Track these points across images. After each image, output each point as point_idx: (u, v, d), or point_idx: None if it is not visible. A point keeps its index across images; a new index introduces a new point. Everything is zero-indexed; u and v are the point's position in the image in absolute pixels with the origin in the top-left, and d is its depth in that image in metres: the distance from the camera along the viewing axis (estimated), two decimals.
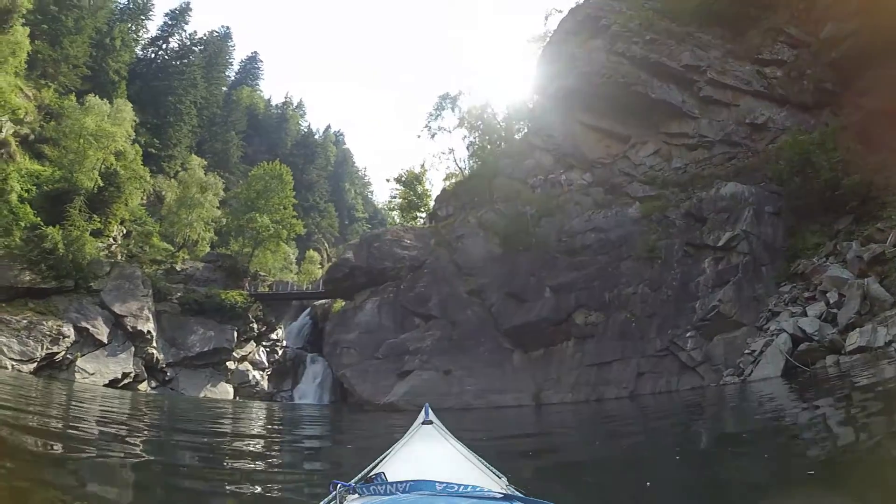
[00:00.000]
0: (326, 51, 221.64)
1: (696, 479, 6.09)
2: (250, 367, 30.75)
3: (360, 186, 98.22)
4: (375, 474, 2.42)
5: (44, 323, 21.87)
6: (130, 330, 25.32)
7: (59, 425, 9.90)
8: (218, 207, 44.41)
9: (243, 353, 30.77)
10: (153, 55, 58.74)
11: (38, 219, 26.03)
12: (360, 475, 2.54)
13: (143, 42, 58.25)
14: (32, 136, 32.87)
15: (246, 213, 38.90)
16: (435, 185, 45.39)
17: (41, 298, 23.67)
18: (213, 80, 64.63)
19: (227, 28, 72.25)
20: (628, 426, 13.30)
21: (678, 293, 19.98)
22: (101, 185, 31.53)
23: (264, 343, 33.02)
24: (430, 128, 39.84)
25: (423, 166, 43.72)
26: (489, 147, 36.25)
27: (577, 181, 26.63)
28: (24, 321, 21.44)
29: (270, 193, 40.07)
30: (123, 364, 23.91)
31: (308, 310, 36.85)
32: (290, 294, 36.92)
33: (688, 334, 18.95)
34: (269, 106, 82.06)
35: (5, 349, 19.88)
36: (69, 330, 22.58)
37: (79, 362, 22.48)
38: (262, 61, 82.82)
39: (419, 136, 73.12)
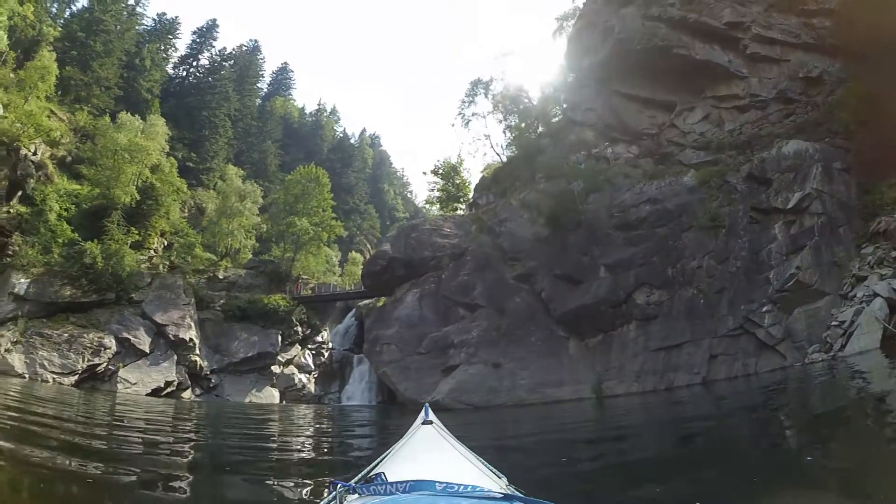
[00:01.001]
0: (355, 55, 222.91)
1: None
2: (296, 371, 30.32)
3: (399, 186, 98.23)
4: (375, 474, 2.35)
5: (85, 336, 21.81)
6: (172, 339, 25.11)
7: (104, 433, 10.16)
8: (257, 215, 44.46)
9: (288, 357, 30.39)
10: (184, 73, 60.22)
11: (76, 235, 26.11)
12: (360, 475, 2.44)
13: (173, 61, 59.99)
14: (70, 158, 33.39)
15: (285, 217, 38.72)
16: (473, 175, 44.21)
17: (82, 312, 23.69)
18: (246, 93, 65.72)
19: (256, 41, 72.94)
20: (704, 418, 11.74)
21: (748, 264, 18.17)
22: (139, 198, 31.63)
23: (310, 346, 32.62)
24: (463, 115, 38.84)
25: (459, 156, 42.57)
26: (526, 134, 34.90)
27: (624, 154, 24.96)
28: (65, 335, 21.42)
29: (308, 197, 39.79)
30: (166, 373, 23.68)
31: (353, 311, 36.27)
32: (332, 295, 36.38)
33: (764, 309, 17.19)
34: (303, 114, 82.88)
35: (46, 363, 19.85)
36: (110, 341, 22.46)
37: (121, 373, 22.35)
38: (292, 71, 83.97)
39: (453, 125, 72.81)
